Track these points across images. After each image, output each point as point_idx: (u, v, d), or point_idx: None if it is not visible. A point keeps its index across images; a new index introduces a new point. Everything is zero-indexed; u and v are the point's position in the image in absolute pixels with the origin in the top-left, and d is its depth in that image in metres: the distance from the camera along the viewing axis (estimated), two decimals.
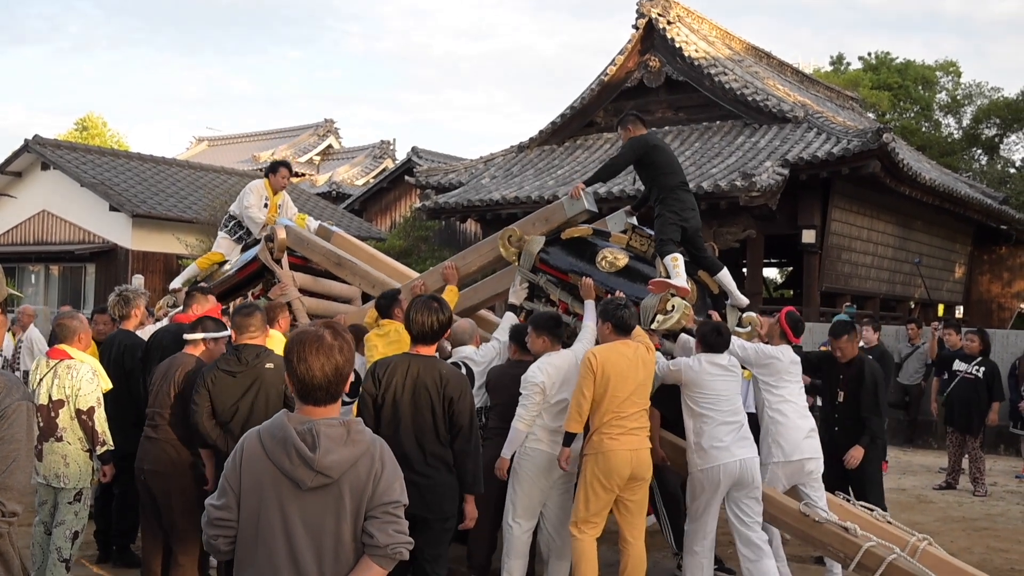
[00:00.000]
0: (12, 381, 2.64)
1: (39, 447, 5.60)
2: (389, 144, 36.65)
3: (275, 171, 8.84)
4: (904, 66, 36.08)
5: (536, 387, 5.56)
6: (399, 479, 2.75)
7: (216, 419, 5.08)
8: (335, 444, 2.64)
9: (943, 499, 9.90)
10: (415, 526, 4.63)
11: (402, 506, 2.73)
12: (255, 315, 5.26)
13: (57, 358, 5.77)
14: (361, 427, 2.75)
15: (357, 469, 2.66)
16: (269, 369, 5.06)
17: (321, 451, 2.62)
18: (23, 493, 2.56)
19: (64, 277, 22.12)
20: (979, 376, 10.19)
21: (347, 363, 2.73)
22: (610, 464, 5.35)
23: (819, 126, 17.83)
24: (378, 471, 2.69)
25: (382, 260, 8.51)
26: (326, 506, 2.65)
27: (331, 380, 2.70)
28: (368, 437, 2.74)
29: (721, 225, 16.96)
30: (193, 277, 8.76)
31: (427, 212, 20.71)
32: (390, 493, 2.69)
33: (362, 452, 2.69)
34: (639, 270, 6.34)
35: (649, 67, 19.97)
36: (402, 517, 2.71)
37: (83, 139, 38.85)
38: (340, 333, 2.76)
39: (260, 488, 2.69)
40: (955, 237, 23.48)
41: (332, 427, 2.67)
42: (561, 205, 6.74)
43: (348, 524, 2.65)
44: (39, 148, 21.51)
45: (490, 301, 7.47)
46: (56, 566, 5.57)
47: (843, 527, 5.52)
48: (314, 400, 2.71)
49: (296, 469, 2.63)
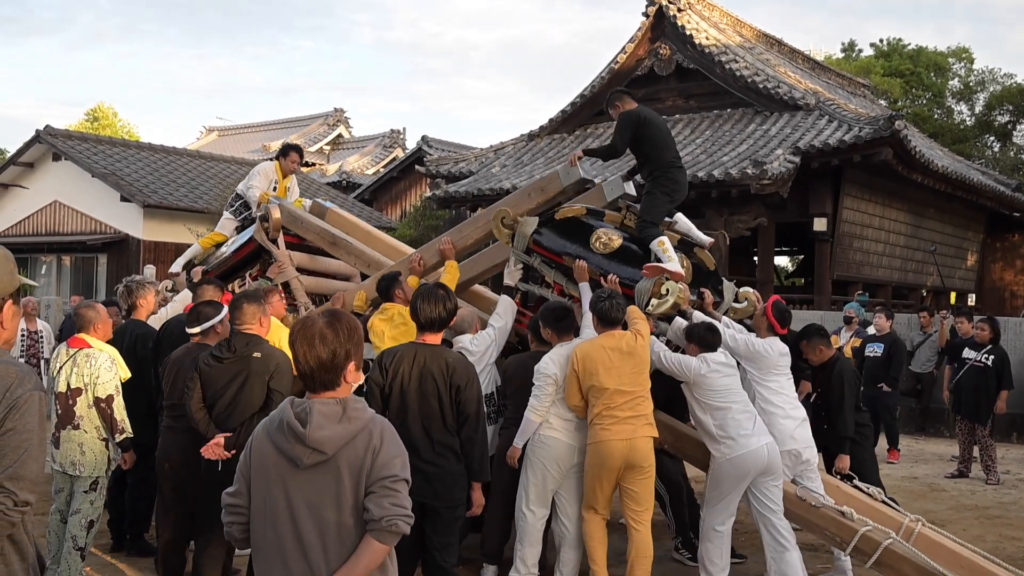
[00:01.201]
0: (25, 371, 2.65)
1: (56, 435, 5.63)
2: (399, 133, 36.61)
3: (286, 155, 8.76)
4: (916, 53, 35.87)
5: (549, 378, 5.57)
6: (401, 456, 2.72)
7: (204, 404, 5.10)
8: (328, 420, 2.66)
9: (955, 487, 9.87)
10: (425, 515, 4.69)
11: (402, 481, 2.70)
12: (251, 304, 5.19)
13: (76, 347, 5.81)
14: (360, 405, 2.74)
15: (354, 445, 2.66)
16: (256, 358, 5.01)
17: (312, 426, 2.64)
18: (36, 483, 2.57)
19: (76, 267, 22.19)
20: (988, 364, 10.16)
21: (342, 350, 2.71)
22: (602, 453, 5.40)
23: (830, 113, 17.75)
24: (376, 446, 2.67)
25: (377, 237, 8.32)
26: (325, 484, 2.66)
27: (324, 366, 2.70)
28: (367, 415, 2.73)
29: (732, 213, 16.92)
30: (194, 258, 8.67)
31: (437, 201, 20.72)
32: (389, 468, 2.67)
33: (359, 429, 2.68)
34: (633, 250, 6.26)
35: (660, 55, 19.91)
36: (402, 492, 2.68)
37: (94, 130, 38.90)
38: (337, 320, 2.74)
39: (265, 471, 2.73)
40: (967, 225, 23.36)
41: (327, 405, 2.69)
42: (557, 174, 6.66)
43: (348, 502, 2.65)
44: (50, 139, 21.56)
45: (488, 273, 7.33)
46: (71, 554, 5.60)
47: (840, 511, 5.50)
48: (311, 387, 2.74)
49: (292, 447, 2.66)
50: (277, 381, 5.00)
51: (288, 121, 39.60)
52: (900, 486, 9.75)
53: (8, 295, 2.74)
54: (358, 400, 2.77)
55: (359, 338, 2.78)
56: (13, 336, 2.82)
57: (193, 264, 8.51)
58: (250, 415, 4.92)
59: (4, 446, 2.52)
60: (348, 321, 2.79)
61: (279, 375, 5.01)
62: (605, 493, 5.52)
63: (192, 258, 8.62)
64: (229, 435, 4.88)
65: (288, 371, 4.99)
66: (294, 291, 7.75)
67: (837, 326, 13.02)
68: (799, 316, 12.91)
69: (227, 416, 4.99)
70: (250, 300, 5.24)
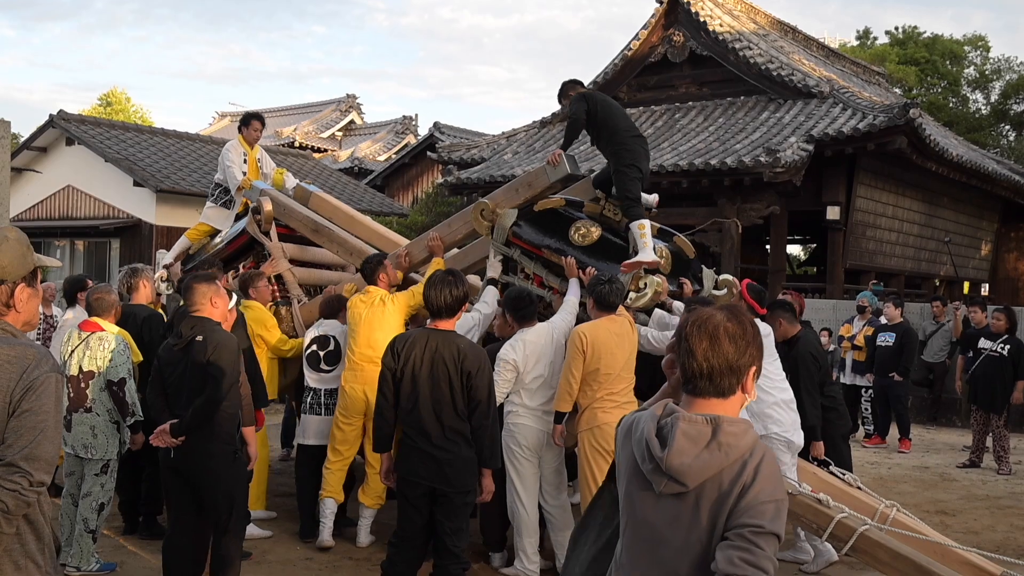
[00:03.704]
0: (42, 353, 2.66)
1: (68, 418, 5.68)
2: (411, 120, 36.58)
3: (247, 124, 8.61)
4: (932, 40, 35.60)
5: (508, 364, 5.61)
6: (775, 502, 2.17)
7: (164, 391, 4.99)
8: (692, 445, 2.20)
9: (967, 477, 9.85)
10: (435, 500, 4.73)
11: (770, 536, 2.13)
12: (201, 285, 5.00)
13: (89, 330, 5.84)
14: (737, 428, 2.23)
15: (720, 477, 2.18)
16: (198, 342, 4.82)
17: (672, 451, 2.20)
18: (51, 464, 2.58)
19: (89, 252, 22.26)
20: (1004, 354, 10.12)
21: (750, 351, 2.29)
22: (606, 436, 5.44)
23: (845, 101, 17.65)
24: (747, 482, 2.16)
25: (361, 222, 8.20)
26: (678, 513, 2.23)
27: (730, 368, 2.28)
28: (744, 442, 2.21)
29: (745, 201, 16.86)
30: (185, 250, 8.65)
31: (449, 188, 20.70)
32: (756, 514, 2.14)
33: (732, 461, 2.19)
34: (612, 242, 6.27)
35: (673, 42, 19.81)
36: (764, 549, 2.11)
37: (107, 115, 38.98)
38: (740, 315, 2.35)
39: (625, 471, 2.39)
40: (982, 214, 23.23)
41: (693, 424, 2.23)
42: (544, 169, 6.68)
43: (702, 542, 2.20)
44: (64, 123, 21.59)
45: (477, 265, 7.32)
46: (83, 536, 5.65)
47: (816, 499, 5.53)
48: (696, 389, 2.30)
49: (647, 467, 2.27)
50: (214, 364, 4.76)
51: (300, 107, 39.58)
52: (911, 475, 9.74)
53: (20, 278, 2.75)
54: (738, 422, 2.25)
55: (762, 341, 2.37)
56: (31, 318, 2.82)
57: (187, 256, 8.52)
58: (192, 400, 4.77)
59: (20, 427, 2.54)
60: (750, 318, 2.37)
61: (217, 358, 4.77)
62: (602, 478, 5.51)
63: (183, 250, 8.62)
64: (175, 422, 4.77)
65: (230, 352, 4.82)
66: (287, 283, 7.75)
67: (849, 315, 13.01)
68: (811, 305, 12.89)
69: (176, 402, 4.88)
70: (201, 280, 5.06)
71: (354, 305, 6.38)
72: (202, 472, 4.81)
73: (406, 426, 4.81)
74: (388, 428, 4.90)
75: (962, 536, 6.92)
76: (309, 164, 26.00)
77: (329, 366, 6.71)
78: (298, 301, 7.68)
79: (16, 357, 2.59)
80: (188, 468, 4.83)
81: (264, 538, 6.47)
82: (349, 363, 6.40)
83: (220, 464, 4.82)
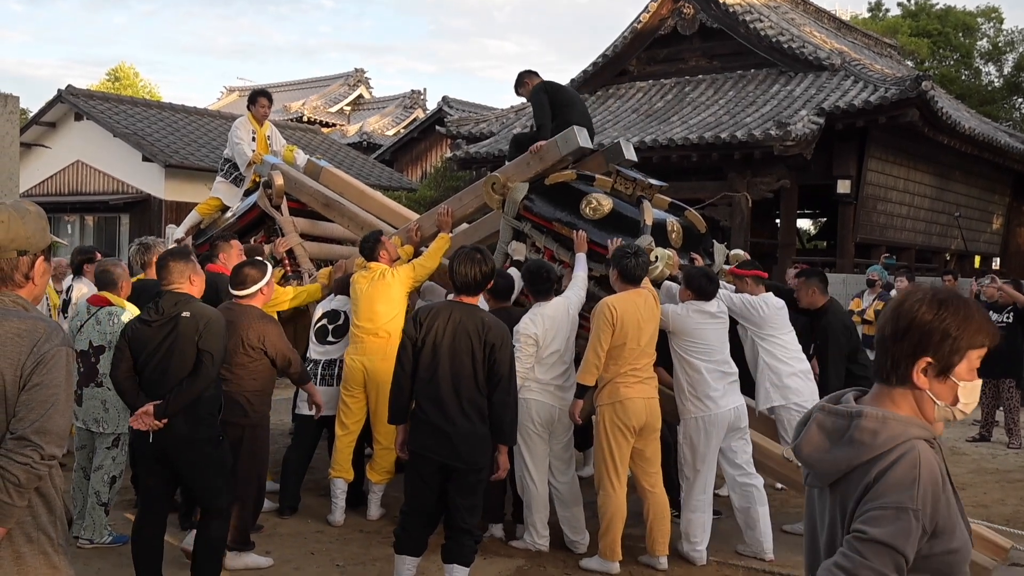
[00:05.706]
0: (52, 327, 2.67)
1: (79, 392, 5.70)
2: (420, 94, 36.46)
3: (254, 102, 8.68)
4: (944, 12, 35.26)
5: (529, 338, 5.57)
6: (895, 508, 1.91)
7: (136, 371, 4.70)
8: (823, 436, 2.07)
9: (976, 451, 9.85)
10: (447, 476, 4.71)
11: (880, 547, 1.89)
12: (178, 262, 4.77)
13: (99, 304, 5.85)
14: (878, 423, 2.00)
15: (850, 478, 2.01)
16: (185, 318, 4.59)
17: (804, 439, 2.11)
18: (62, 437, 2.60)
19: (99, 227, 22.30)
20: (1009, 321, 10.07)
21: (937, 335, 2.03)
22: (628, 411, 5.43)
23: (856, 74, 17.52)
24: (869, 483, 1.96)
25: (372, 197, 8.20)
26: (823, 504, 2.11)
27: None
28: (882, 439, 1.98)
29: (755, 175, 16.78)
30: (196, 224, 8.66)
31: (458, 162, 20.65)
32: (869, 520, 1.92)
33: (866, 459, 1.98)
34: (623, 215, 6.23)
35: (683, 14, 19.66)
36: (870, 560, 1.89)
37: (115, 89, 38.92)
38: (947, 299, 2.07)
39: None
40: (994, 187, 23.08)
41: (829, 416, 2.09)
42: (555, 142, 6.63)
43: (837, 539, 2.04)
44: (72, 98, 21.57)
45: (486, 241, 7.30)
46: (95, 509, 5.69)
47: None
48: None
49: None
50: (206, 341, 4.56)
51: (308, 81, 39.47)
52: None
53: (40, 251, 2.77)
54: (890, 419, 2.01)
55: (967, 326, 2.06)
56: (43, 292, 2.85)
57: (199, 230, 8.54)
58: (180, 380, 4.55)
59: (31, 400, 2.55)
60: (958, 301, 2.07)
61: (208, 335, 4.57)
62: (623, 452, 5.50)
63: (194, 224, 8.65)
64: (159, 403, 4.50)
65: (219, 330, 4.64)
66: (298, 257, 7.76)
67: (859, 289, 12.96)
68: None
69: (157, 383, 4.58)
70: (177, 257, 4.81)
71: (356, 280, 6.40)
72: (188, 459, 4.62)
73: (421, 398, 4.70)
74: (404, 399, 4.80)
75: (972, 510, 6.92)
76: (318, 139, 25.94)
77: (336, 338, 6.74)
78: (309, 275, 7.70)
79: (27, 330, 2.59)
80: (172, 455, 4.61)
81: (274, 510, 6.49)
82: (351, 337, 6.44)
83: (206, 449, 4.66)
